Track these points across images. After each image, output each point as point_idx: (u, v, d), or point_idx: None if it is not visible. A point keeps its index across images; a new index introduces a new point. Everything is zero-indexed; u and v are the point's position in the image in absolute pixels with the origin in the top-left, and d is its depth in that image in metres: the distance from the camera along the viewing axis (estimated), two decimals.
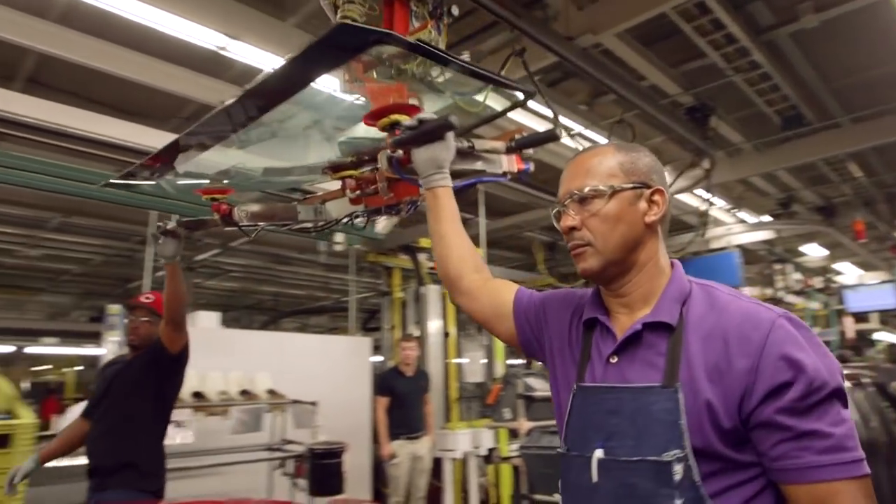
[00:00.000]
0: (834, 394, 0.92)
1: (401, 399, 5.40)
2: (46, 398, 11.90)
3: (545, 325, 1.27)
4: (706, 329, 1.01)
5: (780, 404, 0.92)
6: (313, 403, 5.00)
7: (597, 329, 1.15)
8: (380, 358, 7.31)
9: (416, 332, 6.48)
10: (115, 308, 5.13)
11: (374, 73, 1.53)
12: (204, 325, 5.66)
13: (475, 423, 5.68)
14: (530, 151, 1.64)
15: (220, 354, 5.28)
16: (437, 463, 5.52)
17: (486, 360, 6.69)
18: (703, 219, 6.61)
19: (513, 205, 7.14)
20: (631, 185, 1.10)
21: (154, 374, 2.87)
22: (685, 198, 6.97)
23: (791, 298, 10.57)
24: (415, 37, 1.53)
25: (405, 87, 1.52)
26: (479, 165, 1.53)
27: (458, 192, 1.54)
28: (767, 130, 5.99)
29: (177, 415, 4.42)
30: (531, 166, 1.61)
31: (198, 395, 4.66)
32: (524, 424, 4.63)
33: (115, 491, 2.74)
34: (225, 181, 1.92)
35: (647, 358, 1.04)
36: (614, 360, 1.08)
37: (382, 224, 5.57)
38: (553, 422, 1.35)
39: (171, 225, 2.27)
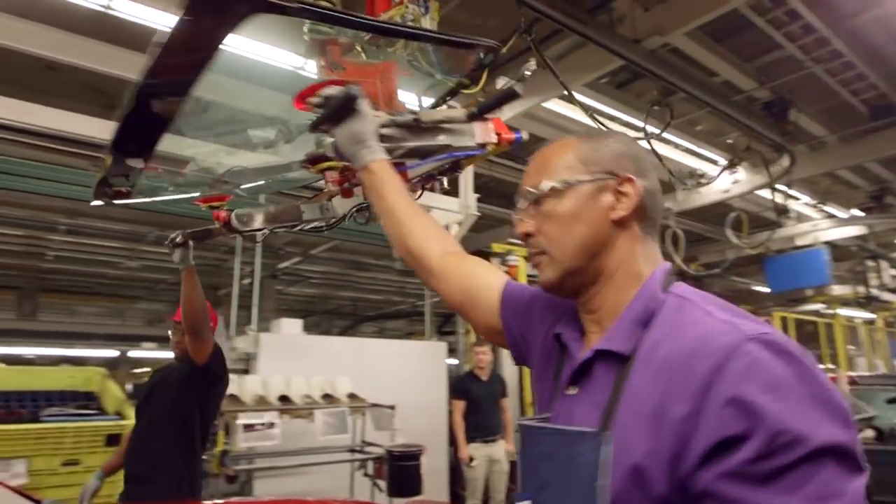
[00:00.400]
0: (823, 453, 0.64)
1: (476, 403, 5.46)
2: None
3: (530, 329, 1.07)
4: (658, 360, 0.77)
5: (726, 467, 0.66)
6: (391, 407, 5.15)
7: (567, 348, 0.95)
8: (455, 361, 7.42)
9: None
10: None
11: (364, 55, 1.43)
12: (287, 332, 5.93)
13: None
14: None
15: (302, 360, 5.54)
16: (514, 466, 5.55)
17: None
18: (782, 209, 6.33)
19: None
20: (590, 177, 0.91)
21: (186, 387, 2.85)
22: (766, 194, 6.71)
23: (887, 296, 9.92)
24: (390, 14, 1.44)
25: (393, 66, 1.39)
26: (442, 139, 1.33)
27: (450, 171, 1.40)
28: (853, 121, 5.70)
29: (266, 417, 4.70)
30: (523, 135, 1.42)
31: (284, 399, 4.91)
32: None
33: (140, 500, 2.75)
34: (223, 188, 1.84)
35: (597, 394, 0.83)
36: (572, 391, 0.88)
37: (453, 232, 5.67)
38: None
39: (178, 239, 2.33)
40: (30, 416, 4.49)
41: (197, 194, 1.79)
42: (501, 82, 5.14)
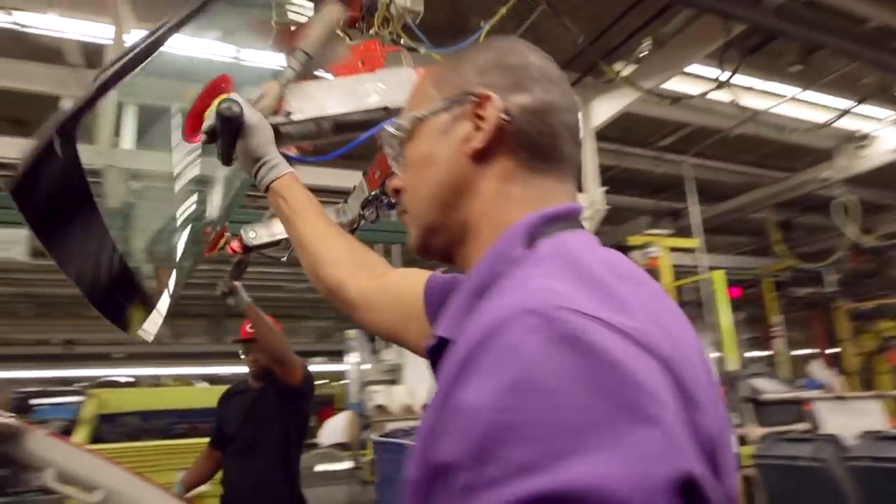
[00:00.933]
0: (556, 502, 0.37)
1: None
2: (322, 408, 13.86)
3: None
4: None
5: None
6: None
7: None
8: None
9: None
10: (351, 333, 5.82)
11: (348, 39, 1.28)
12: None
13: None
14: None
15: None
16: None
17: (717, 355, 6.18)
18: None
19: (731, 187, 6.56)
20: (442, 105, 0.70)
21: (286, 409, 2.89)
22: None
23: None
24: None
25: (374, 44, 1.24)
26: (374, 101, 1.07)
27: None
28: None
29: (413, 425, 4.87)
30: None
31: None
32: (754, 431, 4.19)
33: None
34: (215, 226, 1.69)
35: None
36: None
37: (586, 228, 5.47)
38: (793, 427, 0.75)
39: (224, 289, 2.46)
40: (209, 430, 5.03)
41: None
42: (619, 66, 4.91)
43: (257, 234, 1.54)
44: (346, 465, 5.11)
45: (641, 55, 4.54)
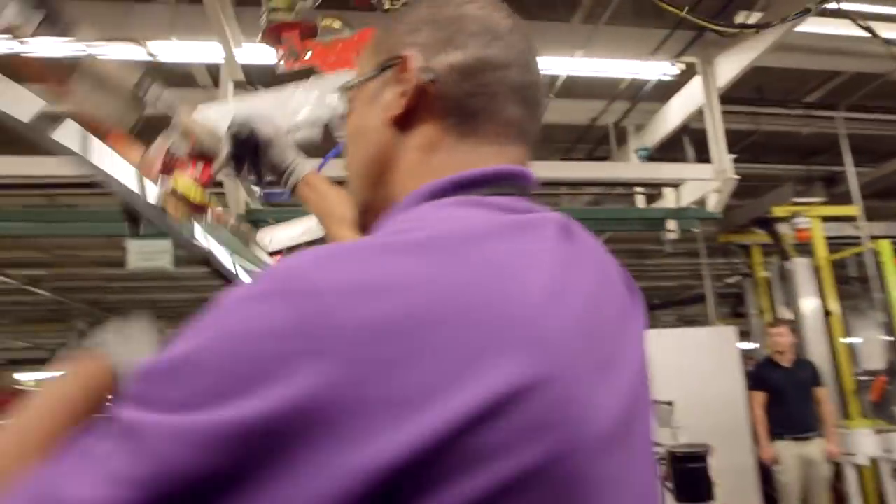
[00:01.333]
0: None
1: (779, 394, 4.72)
2: None
3: None
4: None
5: None
6: (669, 403, 4.74)
7: None
8: (753, 345, 6.58)
9: (789, 315, 5.61)
10: None
11: (346, 31, 1.22)
12: None
13: (875, 422, 4.62)
14: None
15: None
16: (838, 471, 4.66)
17: (888, 338, 5.36)
18: None
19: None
20: (370, 73, 0.63)
21: None
22: None
23: None
24: None
25: (370, 32, 1.12)
26: (302, 115, 1.06)
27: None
28: None
29: None
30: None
31: None
32: None
33: None
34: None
35: None
36: None
37: (713, 201, 4.96)
38: None
39: None
40: None
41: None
42: (742, 16, 4.37)
43: (273, 240, 1.47)
44: None
45: None
